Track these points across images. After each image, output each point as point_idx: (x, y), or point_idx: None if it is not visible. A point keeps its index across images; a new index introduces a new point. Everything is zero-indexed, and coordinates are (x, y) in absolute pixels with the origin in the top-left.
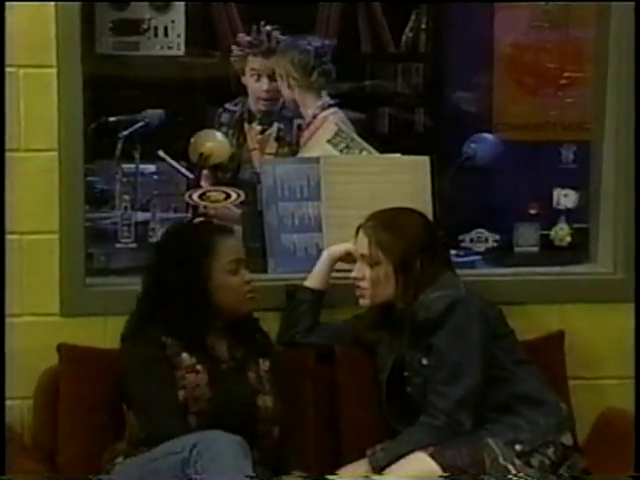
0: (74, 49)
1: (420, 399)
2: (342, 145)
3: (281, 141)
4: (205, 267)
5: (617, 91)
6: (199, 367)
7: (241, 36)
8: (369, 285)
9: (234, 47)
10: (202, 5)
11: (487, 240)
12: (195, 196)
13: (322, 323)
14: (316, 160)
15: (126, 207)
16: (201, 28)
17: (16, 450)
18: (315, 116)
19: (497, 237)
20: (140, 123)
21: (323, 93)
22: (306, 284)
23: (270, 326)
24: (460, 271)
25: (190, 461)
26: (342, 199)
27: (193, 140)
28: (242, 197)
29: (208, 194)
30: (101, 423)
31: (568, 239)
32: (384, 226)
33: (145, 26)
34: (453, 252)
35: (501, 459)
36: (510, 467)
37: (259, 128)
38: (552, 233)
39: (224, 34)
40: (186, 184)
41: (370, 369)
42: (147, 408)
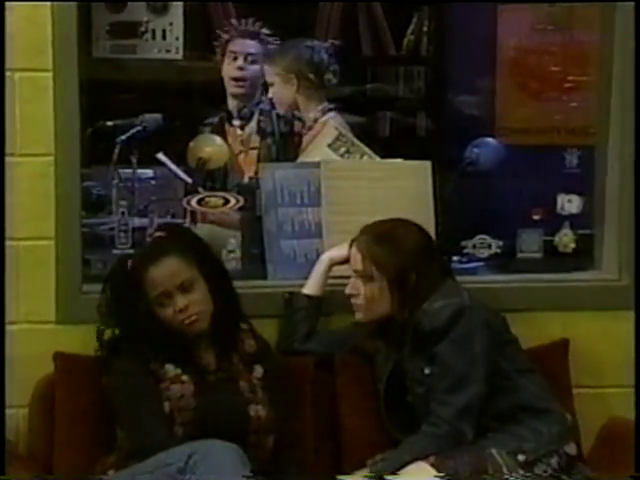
0: (70, 52)
1: (421, 408)
2: (343, 150)
3: (262, 133)
4: (140, 301)
5: (622, 95)
6: (185, 377)
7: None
8: (364, 301)
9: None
10: (201, 7)
11: (490, 246)
12: (193, 201)
13: (321, 331)
14: (316, 165)
15: (123, 213)
16: (200, 31)
17: (11, 459)
18: (316, 120)
19: (500, 243)
20: (137, 127)
21: (324, 96)
22: (303, 291)
23: (269, 333)
24: (462, 278)
25: (186, 471)
26: (343, 204)
27: (192, 145)
28: (241, 202)
29: (207, 199)
30: (97, 432)
31: (572, 245)
32: (377, 240)
33: (143, 29)
34: (455, 259)
35: (504, 469)
36: (513, 477)
37: (238, 123)
38: (556, 239)
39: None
40: (184, 189)
41: (370, 377)
42: (132, 421)
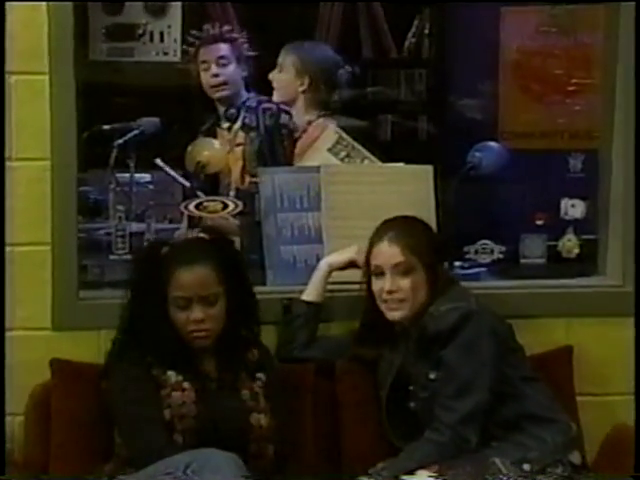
0: (67, 55)
1: (425, 415)
2: (343, 154)
3: (246, 129)
4: (159, 297)
5: (626, 98)
6: (186, 385)
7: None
8: (410, 294)
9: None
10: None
11: (492, 252)
12: (192, 206)
13: (321, 337)
14: (316, 169)
15: (120, 217)
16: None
17: (7, 467)
18: (310, 122)
19: (503, 248)
20: (135, 131)
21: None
22: (303, 297)
23: (269, 340)
24: (465, 284)
25: None
26: (343, 209)
27: (190, 149)
28: (240, 207)
29: (205, 204)
30: (94, 440)
31: (576, 250)
32: (408, 233)
33: (140, 31)
34: (457, 264)
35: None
36: None
37: (227, 125)
38: (559, 244)
39: None
40: (182, 194)
41: (371, 384)
42: (131, 427)
